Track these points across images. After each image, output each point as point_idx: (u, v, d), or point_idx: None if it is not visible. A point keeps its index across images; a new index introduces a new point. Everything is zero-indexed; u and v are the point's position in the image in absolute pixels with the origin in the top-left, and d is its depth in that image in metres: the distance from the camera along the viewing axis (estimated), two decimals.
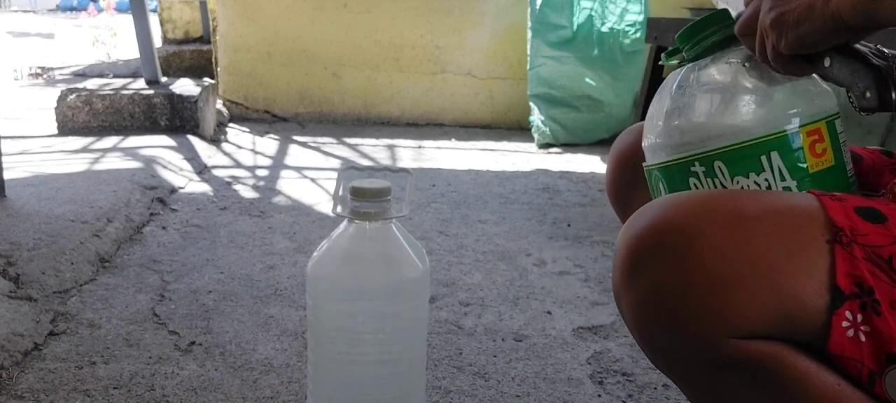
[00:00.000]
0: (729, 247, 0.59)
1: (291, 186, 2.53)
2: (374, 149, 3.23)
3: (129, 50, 5.69)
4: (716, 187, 0.70)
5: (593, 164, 3.05)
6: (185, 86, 3.18)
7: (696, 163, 0.70)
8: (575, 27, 3.30)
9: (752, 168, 0.69)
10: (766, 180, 0.69)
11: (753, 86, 0.71)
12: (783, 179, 0.69)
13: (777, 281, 0.58)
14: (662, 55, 0.81)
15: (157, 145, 2.78)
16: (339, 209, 0.99)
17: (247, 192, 2.44)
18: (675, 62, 0.78)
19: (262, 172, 2.75)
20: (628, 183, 0.90)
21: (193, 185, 2.47)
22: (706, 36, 0.74)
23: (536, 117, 3.39)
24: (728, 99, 0.70)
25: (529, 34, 3.36)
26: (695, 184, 0.71)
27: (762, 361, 0.59)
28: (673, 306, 0.60)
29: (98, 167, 2.44)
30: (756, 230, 0.60)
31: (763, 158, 0.69)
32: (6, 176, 2.05)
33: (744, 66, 0.72)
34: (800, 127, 0.69)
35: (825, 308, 0.57)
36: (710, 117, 0.70)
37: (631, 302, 0.63)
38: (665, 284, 0.60)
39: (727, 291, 0.58)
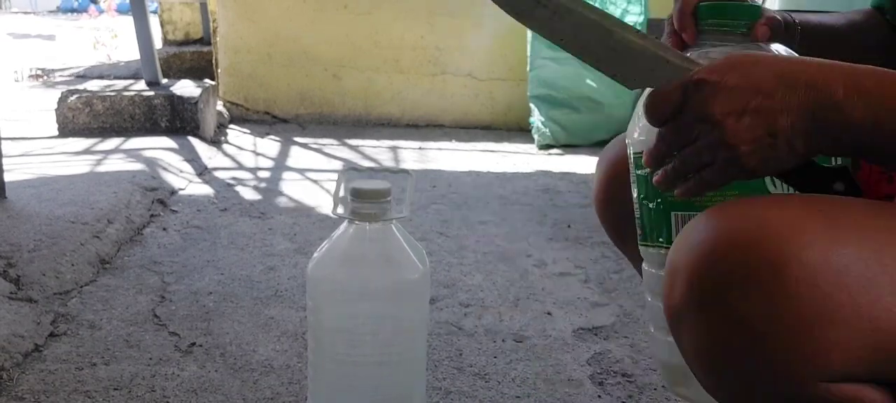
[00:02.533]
0: (825, 278, 0.51)
1: (292, 187, 2.53)
2: (374, 150, 3.23)
3: (129, 51, 5.69)
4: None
5: (593, 166, 3.05)
6: (185, 88, 3.18)
7: None
8: None
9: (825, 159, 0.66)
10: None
11: None
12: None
13: (878, 317, 0.51)
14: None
15: (157, 147, 2.78)
16: (339, 210, 0.99)
17: (247, 194, 2.44)
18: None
19: (262, 174, 2.75)
20: (619, 196, 0.85)
21: (194, 187, 2.47)
22: (733, 20, 0.72)
23: (537, 118, 3.39)
24: None
25: (529, 35, 3.36)
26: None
27: None
28: (756, 343, 0.53)
29: (98, 169, 2.44)
30: (855, 256, 0.52)
31: None
32: (7, 177, 2.05)
33: None
34: None
35: None
36: None
37: (699, 332, 0.56)
38: (748, 318, 0.52)
39: (822, 329, 0.51)
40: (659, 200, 0.73)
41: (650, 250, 0.76)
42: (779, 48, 0.73)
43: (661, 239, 0.74)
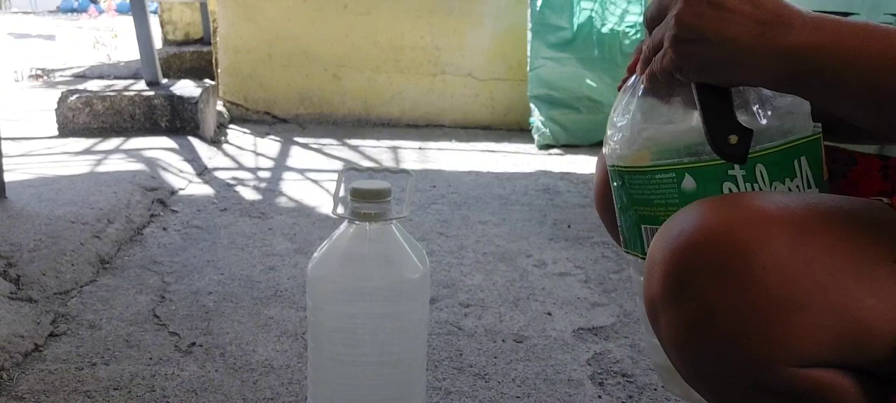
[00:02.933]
0: (792, 265, 0.52)
1: (292, 187, 2.53)
2: (374, 150, 3.23)
3: (129, 51, 5.69)
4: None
5: (593, 165, 3.04)
6: (185, 88, 3.18)
7: (736, 167, 0.64)
8: (575, 28, 3.30)
9: (788, 173, 0.64)
10: (798, 186, 0.65)
11: None
12: (809, 187, 0.65)
13: (844, 304, 0.52)
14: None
15: (157, 147, 2.78)
16: (339, 210, 0.99)
17: (247, 194, 2.44)
18: None
19: (262, 173, 2.75)
20: None
21: (194, 187, 2.47)
22: None
23: (536, 118, 3.39)
24: (772, 98, 0.65)
25: (529, 35, 3.36)
26: (729, 189, 0.65)
27: (819, 393, 0.54)
28: (727, 329, 0.54)
29: (98, 169, 2.45)
30: (821, 245, 0.53)
31: (796, 163, 0.65)
32: (7, 177, 2.05)
33: None
34: (821, 132, 0.66)
35: (894, 334, 0.52)
36: (761, 117, 0.65)
37: (674, 321, 0.57)
38: (719, 305, 0.54)
39: (789, 315, 0.52)
40: (631, 212, 0.73)
41: (630, 257, 0.77)
42: None
43: (636, 249, 0.74)
